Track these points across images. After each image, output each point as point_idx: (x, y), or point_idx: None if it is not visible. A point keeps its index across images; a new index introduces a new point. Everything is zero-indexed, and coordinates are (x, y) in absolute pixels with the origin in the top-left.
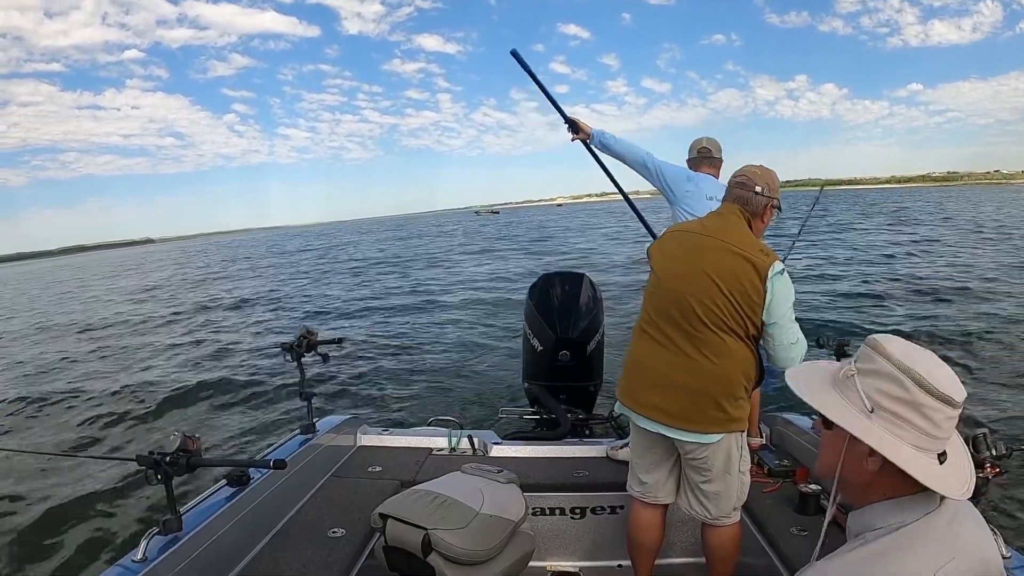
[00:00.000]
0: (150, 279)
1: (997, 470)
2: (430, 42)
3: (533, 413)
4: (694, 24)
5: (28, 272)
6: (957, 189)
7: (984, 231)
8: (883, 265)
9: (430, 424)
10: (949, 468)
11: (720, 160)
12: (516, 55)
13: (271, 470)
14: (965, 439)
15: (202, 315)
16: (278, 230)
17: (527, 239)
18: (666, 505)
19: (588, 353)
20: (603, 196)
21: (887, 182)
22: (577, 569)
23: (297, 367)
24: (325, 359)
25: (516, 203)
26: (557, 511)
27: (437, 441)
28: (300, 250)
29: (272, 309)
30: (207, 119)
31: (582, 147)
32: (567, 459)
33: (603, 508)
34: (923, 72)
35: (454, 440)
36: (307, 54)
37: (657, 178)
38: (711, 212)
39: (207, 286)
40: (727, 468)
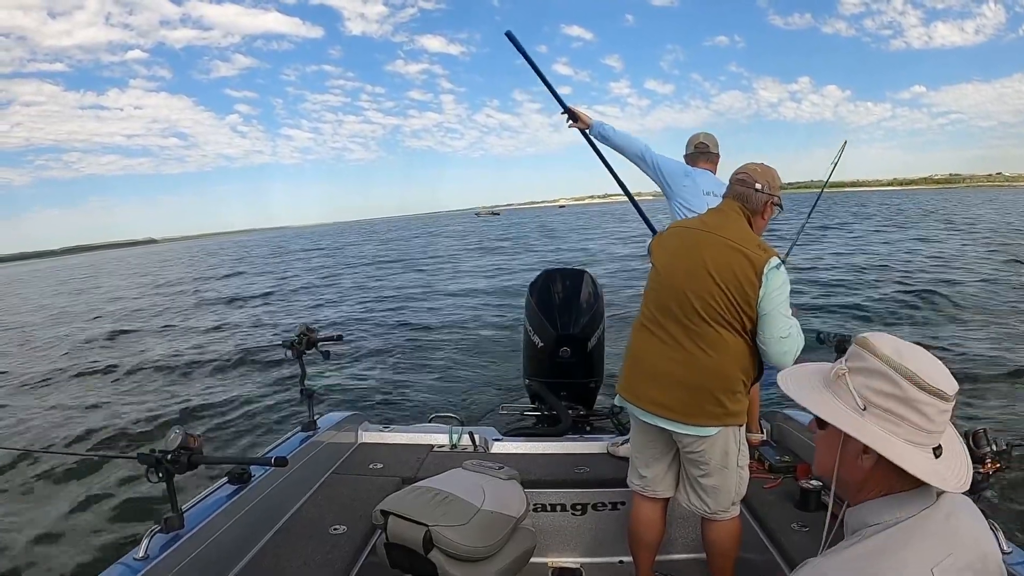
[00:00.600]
0: (157, 278)
1: (998, 466)
2: (433, 43)
3: (534, 409)
4: (697, 26)
5: (31, 272)
6: (959, 192)
7: (979, 231)
8: (884, 265)
9: (431, 421)
10: (945, 462)
11: (717, 155)
12: (511, 36)
13: (272, 467)
14: (965, 434)
15: (202, 314)
16: (281, 231)
17: (527, 239)
18: (666, 499)
19: (589, 349)
20: (606, 197)
21: (889, 184)
22: (578, 565)
23: (298, 364)
24: (326, 356)
25: (519, 204)
26: (558, 507)
27: (438, 438)
28: (304, 249)
29: (273, 307)
30: (210, 119)
31: (584, 148)
32: (568, 455)
33: (604, 504)
34: (926, 74)
35: (455, 437)
36: (310, 55)
37: (654, 171)
38: (711, 208)
39: (210, 285)
40: (725, 462)
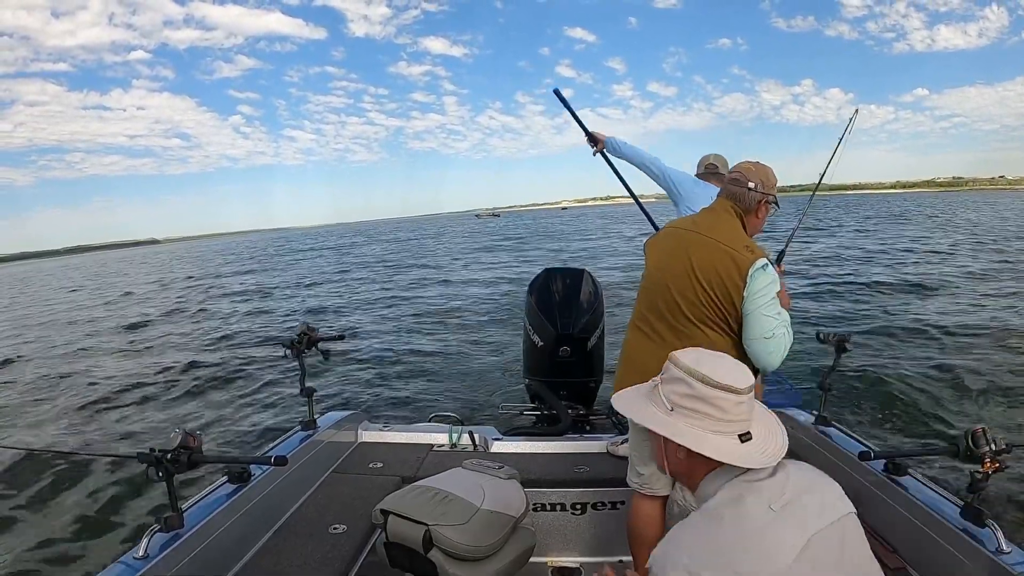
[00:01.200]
0: (161, 277)
1: (997, 465)
2: (436, 45)
3: (534, 409)
4: (700, 28)
5: (34, 270)
6: (963, 194)
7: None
8: (884, 265)
9: (431, 420)
10: (754, 444)
11: (724, 176)
12: (558, 94)
13: (272, 466)
14: (965, 434)
15: (203, 313)
16: (283, 231)
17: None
18: (665, 497)
19: (589, 349)
20: (608, 200)
21: (892, 187)
22: (578, 564)
23: (298, 363)
24: (326, 356)
25: (521, 206)
26: (558, 507)
27: (438, 437)
28: (309, 249)
29: (273, 306)
30: (213, 120)
31: (586, 151)
32: (568, 455)
33: (604, 504)
34: (929, 77)
35: (455, 436)
36: (313, 56)
37: (664, 179)
38: (704, 208)
39: (212, 283)
40: None
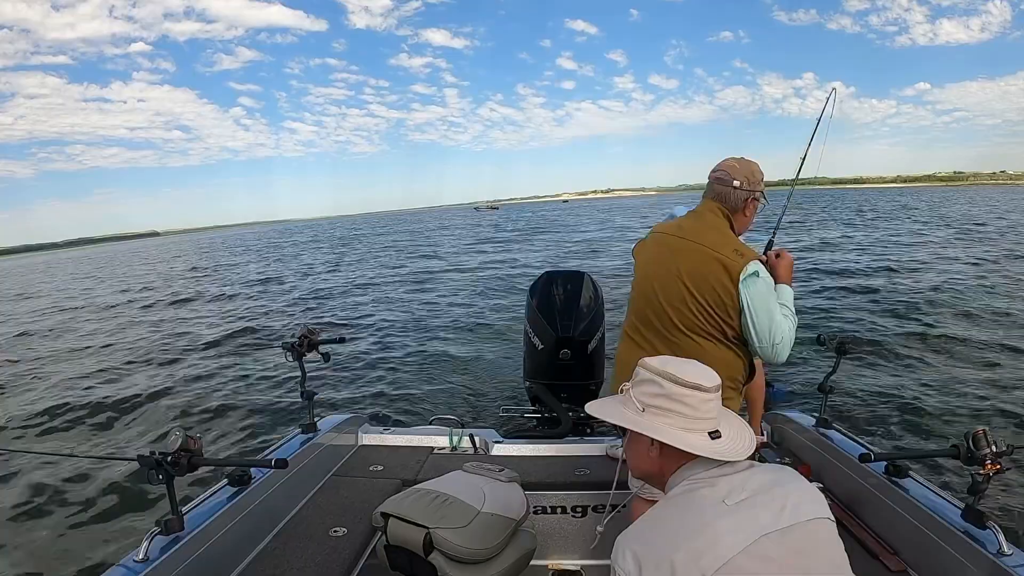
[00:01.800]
0: (164, 272)
1: (997, 466)
2: (437, 37)
3: (534, 412)
4: (702, 21)
5: (33, 264)
6: (961, 189)
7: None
8: (885, 265)
9: (431, 423)
10: (724, 442)
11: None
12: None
13: (272, 469)
14: (965, 436)
15: (203, 313)
16: (284, 223)
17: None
18: None
19: (589, 352)
20: (608, 192)
21: (893, 181)
22: (578, 567)
23: (298, 366)
24: (326, 358)
25: (522, 199)
26: (558, 510)
27: (438, 440)
28: (309, 241)
29: (273, 306)
30: (213, 112)
31: (587, 144)
32: (568, 458)
33: (604, 507)
34: (931, 71)
35: (455, 439)
36: (314, 48)
37: None
38: (690, 211)
39: (212, 282)
40: None
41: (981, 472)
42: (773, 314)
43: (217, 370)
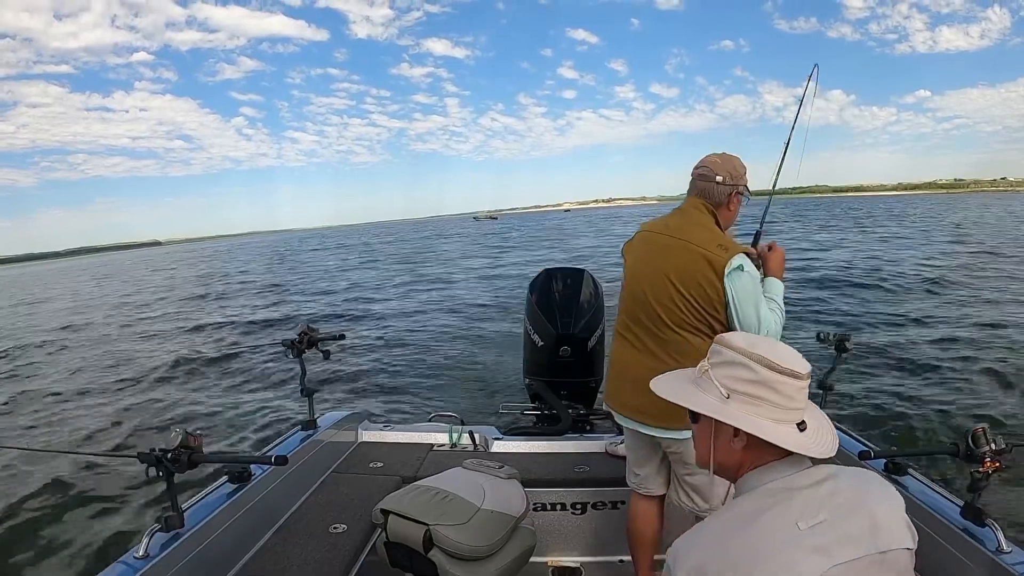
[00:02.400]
0: (166, 280)
1: (997, 465)
2: (438, 46)
3: (534, 409)
4: (703, 29)
5: (38, 273)
6: (962, 196)
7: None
8: (884, 264)
9: (431, 420)
10: (810, 435)
11: None
12: None
13: (272, 466)
14: (964, 434)
15: (204, 313)
16: (286, 233)
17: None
18: (661, 496)
19: (589, 349)
20: (609, 202)
21: (893, 189)
22: (578, 564)
23: (298, 363)
24: (326, 355)
25: (523, 208)
26: (558, 506)
27: (438, 437)
28: (312, 249)
29: (273, 305)
30: (215, 122)
31: (588, 152)
32: (568, 455)
33: (604, 503)
34: (931, 78)
35: (455, 436)
36: (316, 58)
37: None
38: (675, 209)
39: (214, 285)
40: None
41: (980, 470)
42: (759, 307)
43: (218, 367)
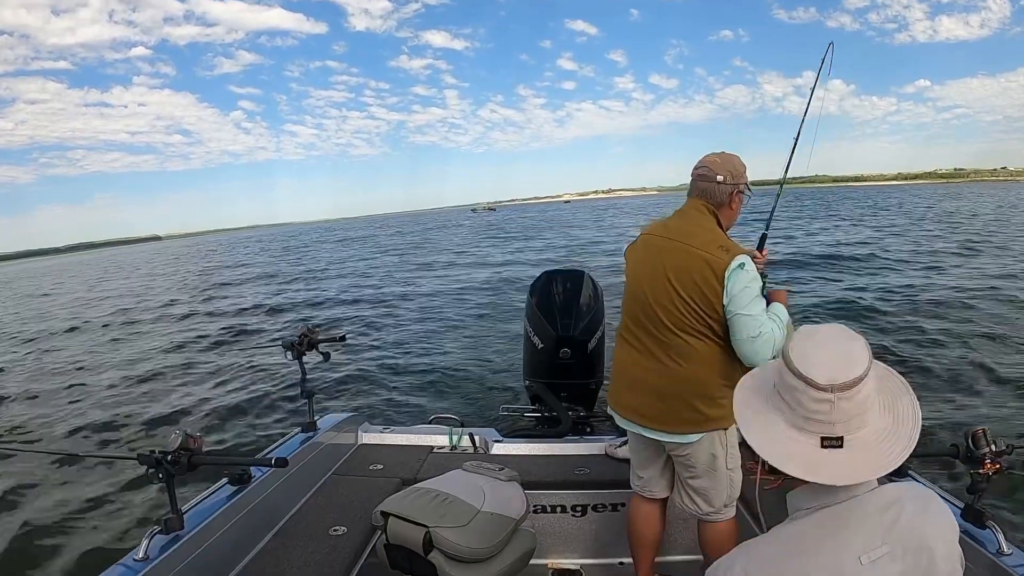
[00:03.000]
0: (165, 274)
1: (997, 466)
2: (437, 38)
3: (534, 411)
4: (702, 20)
5: (39, 269)
6: (962, 186)
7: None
8: (885, 263)
9: (431, 422)
10: (840, 454)
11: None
12: None
13: (272, 468)
14: (964, 435)
15: (203, 313)
16: (286, 227)
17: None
18: (664, 499)
19: (589, 351)
20: (609, 193)
21: (894, 179)
22: (578, 567)
23: (298, 365)
24: (326, 357)
25: (523, 200)
26: (558, 509)
27: (438, 439)
28: (313, 243)
29: (274, 305)
30: (214, 116)
31: (588, 144)
32: (568, 457)
33: (604, 506)
34: (931, 68)
35: (455, 438)
36: (314, 51)
37: None
38: (676, 211)
39: (211, 283)
40: (712, 465)
41: (980, 472)
42: (757, 306)
43: (217, 369)
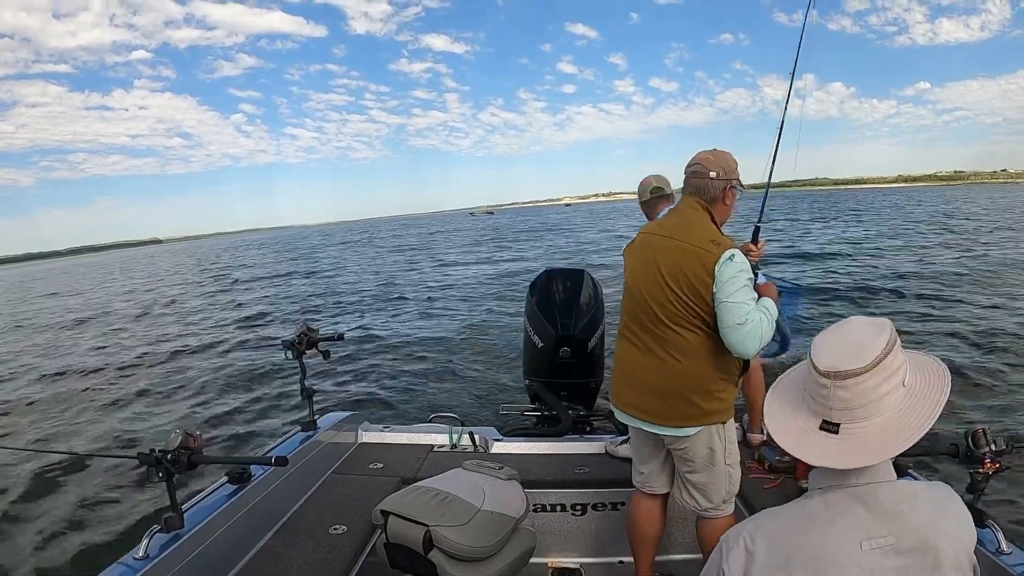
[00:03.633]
0: (163, 276)
1: (997, 465)
2: (437, 42)
3: (534, 410)
4: (702, 23)
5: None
6: (963, 188)
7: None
8: (885, 263)
9: (431, 421)
10: (828, 438)
11: (672, 195)
12: None
13: (272, 467)
14: (965, 434)
15: (203, 314)
16: (286, 230)
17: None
18: (664, 495)
19: (589, 350)
20: (610, 196)
21: (894, 181)
22: (578, 565)
23: (298, 364)
24: (326, 356)
25: (523, 203)
26: (558, 507)
27: (438, 438)
28: (313, 245)
29: (274, 305)
30: (214, 119)
31: (587, 147)
32: (568, 455)
33: (604, 504)
34: (931, 70)
35: (455, 437)
36: (314, 54)
37: None
38: (671, 209)
39: (212, 284)
40: (711, 460)
41: (980, 471)
42: (744, 297)
43: (217, 368)
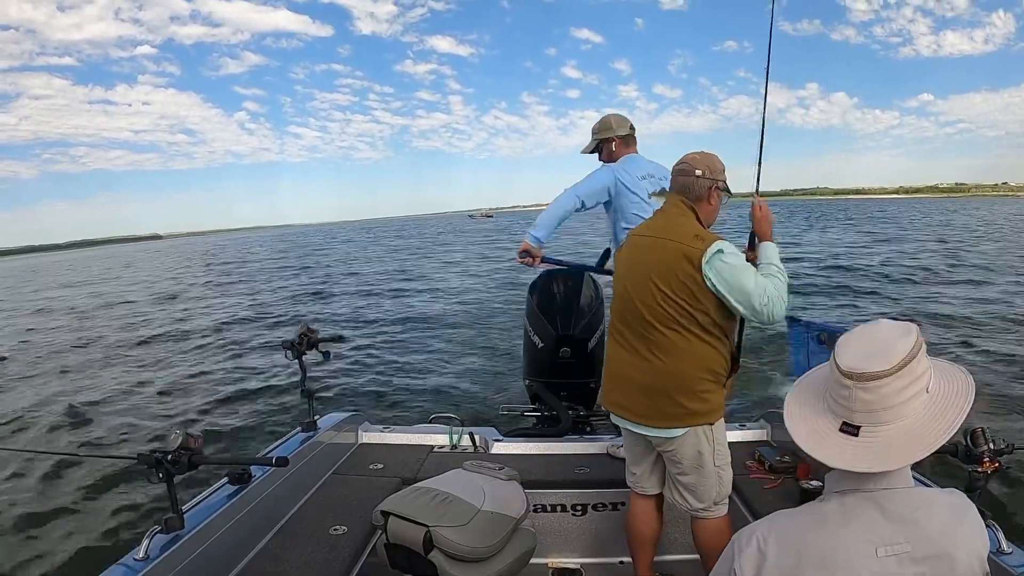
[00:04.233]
0: (164, 274)
1: (996, 465)
2: (442, 44)
3: (534, 410)
4: (706, 30)
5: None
6: (963, 200)
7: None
8: (885, 263)
9: (431, 421)
10: (855, 442)
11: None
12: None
13: (273, 468)
14: (963, 434)
15: (203, 313)
16: (288, 228)
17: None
18: (658, 496)
19: (589, 350)
20: None
21: (895, 192)
22: (578, 566)
23: (298, 364)
24: (326, 357)
25: (525, 206)
26: (558, 508)
27: (438, 438)
28: (314, 245)
29: (274, 305)
30: (218, 116)
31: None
32: (568, 456)
33: (604, 505)
34: (934, 82)
35: (455, 437)
36: (319, 53)
37: (597, 201)
38: (656, 211)
39: (211, 285)
40: (699, 462)
41: (979, 470)
42: (750, 279)
43: (217, 368)
